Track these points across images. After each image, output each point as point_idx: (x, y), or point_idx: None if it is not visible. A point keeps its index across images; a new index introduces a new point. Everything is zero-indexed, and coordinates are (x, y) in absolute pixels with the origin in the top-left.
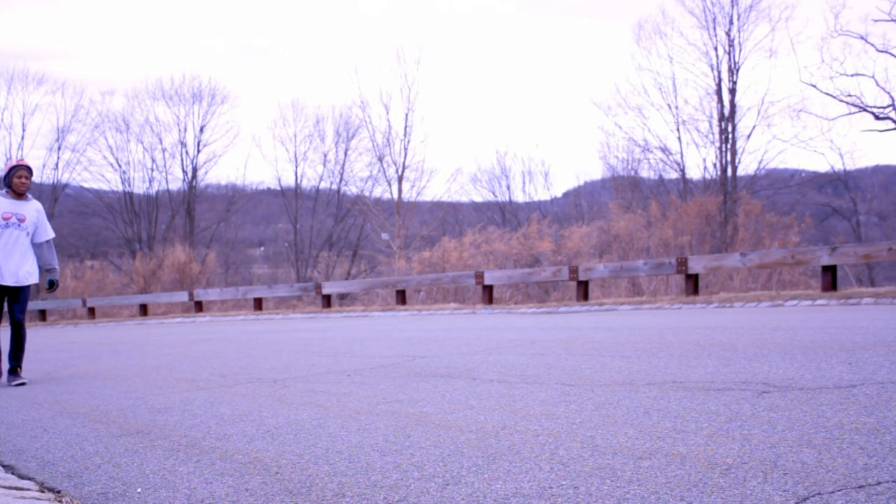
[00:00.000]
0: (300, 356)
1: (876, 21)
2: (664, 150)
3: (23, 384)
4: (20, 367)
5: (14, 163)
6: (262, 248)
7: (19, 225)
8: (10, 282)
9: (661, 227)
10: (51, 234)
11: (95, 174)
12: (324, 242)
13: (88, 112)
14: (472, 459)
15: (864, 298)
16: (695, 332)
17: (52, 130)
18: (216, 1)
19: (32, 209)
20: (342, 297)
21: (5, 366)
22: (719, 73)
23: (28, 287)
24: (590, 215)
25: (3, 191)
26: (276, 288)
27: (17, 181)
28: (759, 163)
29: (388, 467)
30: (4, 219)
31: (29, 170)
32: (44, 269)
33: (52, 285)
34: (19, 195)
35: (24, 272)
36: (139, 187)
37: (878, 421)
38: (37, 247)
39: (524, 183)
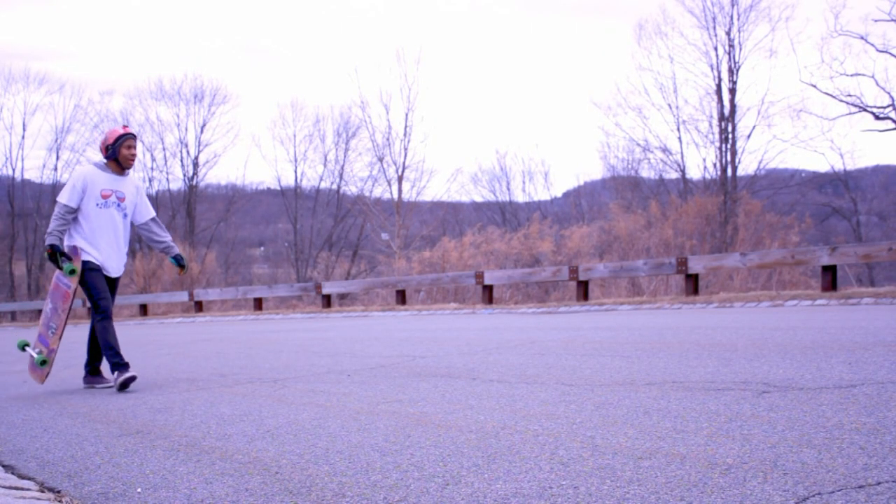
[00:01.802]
0: (300, 356)
1: (876, 21)
2: (664, 150)
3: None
4: (101, 366)
5: (121, 130)
6: (262, 248)
7: (119, 205)
8: (114, 273)
9: (662, 227)
10: (153, 212)
11: None
12: (324, 242)
13: (88, 112)
14: (472, 459)
15: (864, 298)
16: (695, 332)
17: (52, 130)
18: (216, 1)
19: (132, 186)
20: (342, 297)
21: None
22: (719, 73)
23: (119, 278)
24: (590, 215)
25: (102, 163)
26: (276, 288)
27: (126, 153)
28: (759, 163)
29: (388, 467)
30: (103, 197)
31: (136, 138)
32: (159, 250)
33: (185, 261)
34: (123, 169)
35: (123, 259)
36: None
37: (878, 421)
38: (142, 228)
39: (524, 183)
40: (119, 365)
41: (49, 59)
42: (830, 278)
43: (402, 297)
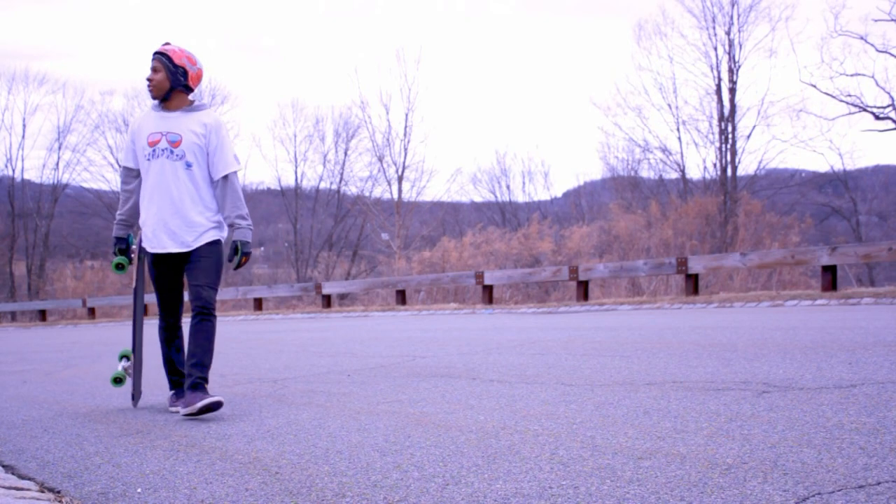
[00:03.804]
0: (300, 356)
1: (876, 21)
2: (664, 150)
3: (214, 406)
4: (206, 379)
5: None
6: (262, 248)
7: (171, 151)
8: (170, 246)
9: (662, 227)
10: (232, 166)
11: (95, 174)
12: (324, 242)
13: (88, 112)
14: (472, 459)
15: (864, 298)
16: (695, 332)
17: (53, 130)
18: (216, 1)
19: (194, 123)
20: (342, 297)
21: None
22: (719, 73)
23: (207, 252)
24: (590, 215)
25: (156, 102)
26: (276, 288)
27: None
28: (759, 163)
29: (388, 467)
30: (150, 144)
31: (162, 57)
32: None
33: (239, 253)
34: (164, 102)
35: (191, 229)
36: None
37: (878, 421)
38: (217, 192)
39: (524, 183)
40: (176, 385)
41: (49, 59)
42: (830, 278)
43: (402, 297)
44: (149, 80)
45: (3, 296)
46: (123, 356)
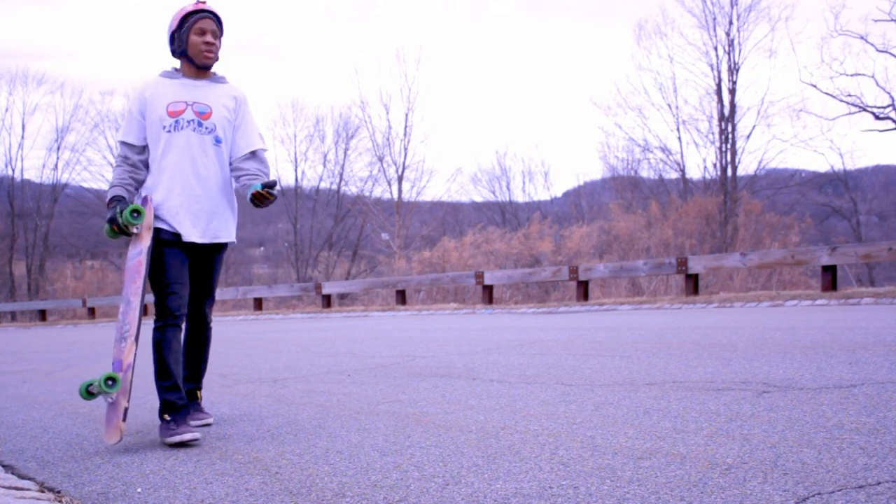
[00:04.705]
0: (300, 356)
1: (876, 21)
2: (664, 150)
3: (207, 425)
4: (200, 390)
5: (190, 8)
6: (262, 248)
7: (199, 124)
8: (194, 234)
9: (662, 227)
10: (258, 143)
11: (95, 174)
12: (324, 242)
13: (88, 112)
14: (472, 459)
15: (864, 298)
16: (695, 332)
17: (52, 130)
18: (216, 1)
19: (224, 97)
20: (342, 297)
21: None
22: (719, 73)
23: (220, 253)
24: (590, 215)
25: (173, 68)
26: (276, 288)
27: (196, 40)
28: (759, 163)
29: (388, 467)
30: (171, 115)
31: (217, 20)
32: (239, 186)
33: (270, 193)
34: (200, 69)
35: (217, 216)
36: None
37: (878, 421)
38: (235, 165)
39: (524, 183)
40: (174, 408)
41: (49, 59)
42: (830, 278)
43: (402, 297)
44: (210, 44)
45: (3, 296)
46: (87, 386)
